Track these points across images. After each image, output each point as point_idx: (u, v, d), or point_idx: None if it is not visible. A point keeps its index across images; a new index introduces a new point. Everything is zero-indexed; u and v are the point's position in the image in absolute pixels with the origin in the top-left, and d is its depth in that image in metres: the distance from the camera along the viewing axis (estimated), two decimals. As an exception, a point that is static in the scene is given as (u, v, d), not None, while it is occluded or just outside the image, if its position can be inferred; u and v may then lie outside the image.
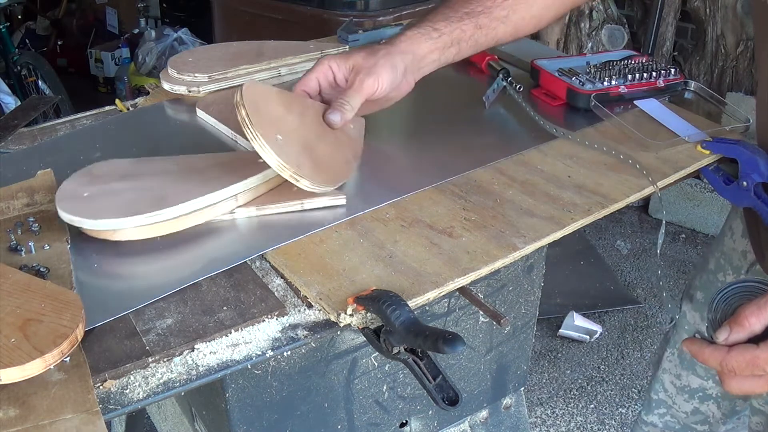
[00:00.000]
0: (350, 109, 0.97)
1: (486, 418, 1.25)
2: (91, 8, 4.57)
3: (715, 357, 0.74)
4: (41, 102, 1.32)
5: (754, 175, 1.00)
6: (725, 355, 0.73)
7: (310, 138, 0.95)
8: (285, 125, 0.93)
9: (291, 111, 0.96)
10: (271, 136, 0.88)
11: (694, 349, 0.76)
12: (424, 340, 0.70)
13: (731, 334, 0.74)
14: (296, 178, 0.89)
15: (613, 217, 3.02)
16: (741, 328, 0.74)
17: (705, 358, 0.75)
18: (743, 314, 0.74)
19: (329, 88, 1.02)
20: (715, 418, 1.28)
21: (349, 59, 1.00)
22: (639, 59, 1.27)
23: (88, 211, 0.85)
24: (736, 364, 0.72)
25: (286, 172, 0.89)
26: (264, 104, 0.92)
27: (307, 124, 0.96)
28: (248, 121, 0.88)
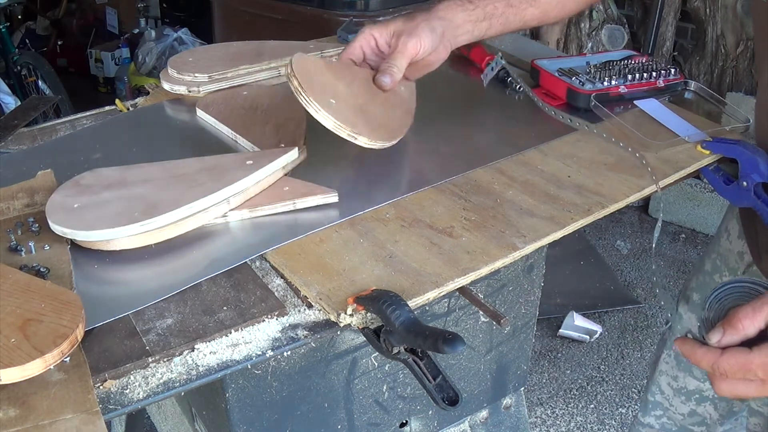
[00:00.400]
0: (398, 70, 1.02)
1: (486, 418, 1.25)
2: (91, 8, 4.57)
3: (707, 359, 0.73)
4: (41, 102, 1.32)
5: (754, 175, 1.00)
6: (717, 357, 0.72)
7: (363, 101, 0.99)
8: (336, 91, 0.96)
9: (341, 78, 1.00)
10: (325, 101, 0.92)
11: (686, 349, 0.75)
12: (424, 340, 0.70)
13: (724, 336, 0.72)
14: (354, 136, 0.93)
15: (613, 217, 3.02)
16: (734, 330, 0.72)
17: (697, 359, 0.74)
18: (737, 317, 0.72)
19: (373, 55, 1.08)
20: (713, 419, 1.28)
21: (390, 25, 1.05)
22: (639, 59, 1.27)
23: (80, 222, 0.85)
24: (728, 367, 0.71)
25: (344, 132, 0.92)
26: (314, 73, 0.96)
27: (358, 88, 1.01)
28: (301, 89, 0.92)
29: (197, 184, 0.92)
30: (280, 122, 1.11)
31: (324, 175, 1.01)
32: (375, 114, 0.99)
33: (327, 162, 1.05)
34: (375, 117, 0.99)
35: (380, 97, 1.03)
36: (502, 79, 1.29)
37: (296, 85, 0.94)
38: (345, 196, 0.96)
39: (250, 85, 1.25)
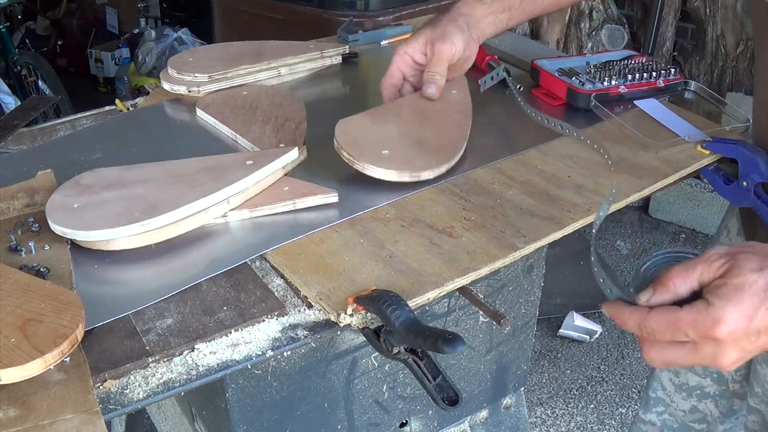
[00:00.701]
0: (440, 77, 1.09)
1: (486, 418, 1.25)
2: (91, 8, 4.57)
3: (634, 318, 0.68)
4: (41, 102, 1.32)
5: (754, 175, 1.00)
6: (645, 315, 0.68)
7: (416, 132, 1.04)
8: (387, 137, 1.02)
9: (388, 121, 1.05)
10: (377, 156, 0.97)
11: (614, 311, 0.71)
12: (424, 340, 0.70)
13: (654, 295, 0.69)
14: (416, 176, 0.97)
15: (613, 217, 3.02)
16: (665, 289, 0.69)
17: (624, 318, 0.70)
18: (668, 275, 0.69)
19: (412, 71, 1.13)
20: (713, 417, 1.28)
21: (419, 37, 1.10)
22: (639, 59, 1.27)
23: (80, 222, 0.85)
24: (656, 325, 0.67)
25: (406, 177, 0.97)
26: (360, 133, 1.02)
27: (408, 121, 1.05)
28: (352, 159, 0.97)
29: (197, 184, 0.92)
30: (280, 122, 1.11)
31: (324, 175, 1.01)
32: (431, 140, 1.03)
33: (327, 162, 1.05)
34: (432, 143, 1.03)
35: (432, 119, 1.07)
36: (502, 78, 1.29)
37: (346, 156, 0.98)
38: (345, 196, 0.96)
39: (250, 85, 1.25)
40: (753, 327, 0.64)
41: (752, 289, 0.64)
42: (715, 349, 0.65)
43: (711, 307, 0.65)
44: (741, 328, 0.64)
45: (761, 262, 0.66)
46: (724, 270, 0.67)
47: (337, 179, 1.00)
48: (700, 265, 0.68)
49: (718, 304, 0.64)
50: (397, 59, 1.11)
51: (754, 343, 0.66)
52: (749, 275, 0.65)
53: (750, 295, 0.64)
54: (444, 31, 1.09)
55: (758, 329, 0.65)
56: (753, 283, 0.65)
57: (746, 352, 0.66)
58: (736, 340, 0.65)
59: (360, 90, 1.34)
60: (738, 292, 0.65)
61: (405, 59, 1.11)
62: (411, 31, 1.51)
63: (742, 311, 0.64)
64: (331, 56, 1.36)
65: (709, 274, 0.67)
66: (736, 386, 1.22)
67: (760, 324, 0.65)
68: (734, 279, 0.65)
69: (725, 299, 0.64)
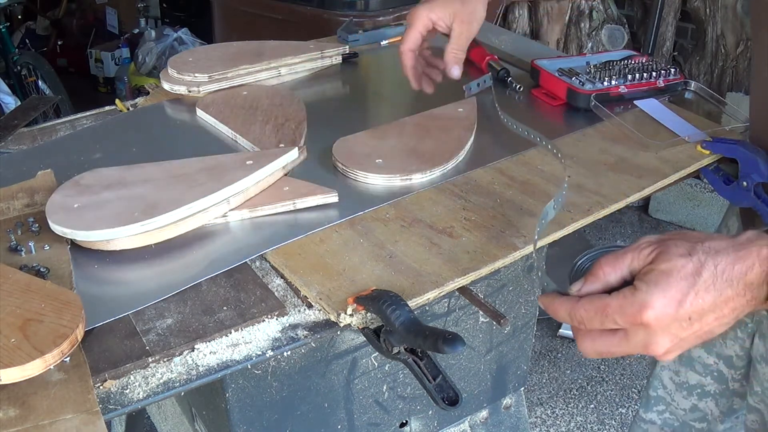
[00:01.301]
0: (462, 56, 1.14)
1: (486, 418, 1.25)
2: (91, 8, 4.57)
3: (564, 307, 0.67)
4: (41, 102, 1.32)
5: (754, 175, 1.00)
6: (574, 304, 0.67)
7: (414, 143, 1.07)
8: (384, 150, 1.05)
9: (388, 137, 1.09)
10: (370, 165, 1.01)
11: (546, 301, 0.70)
12: (424, 340, 0.70)
13: (585, 285, 0.68)
14: (408, 178, 1.00)
15: (613, 217, 3.02)
16: (595, 278, 0.67)
17: (555, 308, 0.69)
18: (598, 264, 0.68)
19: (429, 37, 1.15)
20: (714, 415, 1.28)
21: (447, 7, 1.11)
22: (639, 59, 1.27)
23: (80, 222, 0.85)
24: (584, 313, 0.66)
25: (397, 180, 1.00)
26: (355, 148, 1.05)
27: (407, 137, 1.09)
28: (345, 169, 1.01)
29: (197, 184, 0.92)
30: (280, 122, 1.11)
31: (324, 175, 1.01)
32: (427, 149, 1.06)
33: (327, 162, 1.05)
34: (428, 152, 1.05)
35: (433, 134, 1.09)
36: (502, 78, 1.29)
37: (340, 167, 1.02)
38: (345, 196, 0.96)
39: (250, 85, 1.25)
40: (682, 312, 0.63)
41: (680, 273, 0.63)
42: (646, 336, 0.64)
43: (637, 292, 0.63)
44: (669, 314, 0.63)
45: (690, 247, 0.65)
46: (653, 257, 0.66)
47: (337, 179, 1.00)
48: (630, 253, 0.67)
49: (645, 289, 0.63)
50: (418, 23, 1.11)
51: (687, 329, 0.64)
52: (677, 260, 0.64)
53: (678, 280, 0.63)
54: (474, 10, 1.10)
55: (688, 315, 0.63)
56: (681, 268, 0.64)
57: (680, 339, 0.65)
58: (665, 327, 0.64)
59: (360, 90, 1.34)
60: (665, 277, 0.63)
61: (427, 24, 1.11)
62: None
63: (669, 296, 0.63)
64: (331, 56, 1.36)
65: (639, 261, 0.66)
66: (737, 385, 1.22)
67: (690, 309, 0.63)
68: (662, 264, 0.64)
69: (652, 284, 0.63)
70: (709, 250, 0.64)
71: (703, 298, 0.63)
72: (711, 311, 0.64)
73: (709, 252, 0.64)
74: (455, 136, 1.09)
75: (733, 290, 0.64)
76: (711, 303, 0.64)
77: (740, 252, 0.64)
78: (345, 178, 1.01)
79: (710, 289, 0.63)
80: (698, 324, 0.64)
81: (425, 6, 1.11)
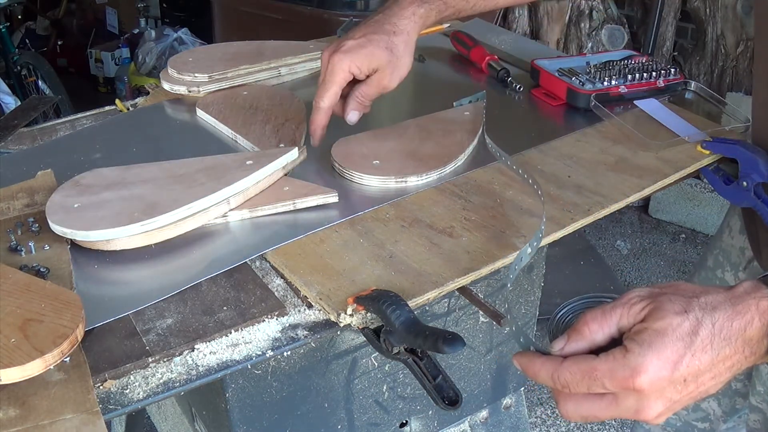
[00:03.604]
0: (369, 104, 1.03)
1: (486, 418, 1.25)
2: (91, 8, 4.57)
3: (546, 369, 0.61)
4: (41, 102, 1.32)
5: (754, 175, 1.00)
6: (558, 366, 0.61)
7: (413, 146, 1.06)
8: (383, 151, 1.05)
9: (388, 139, 1.08)
10: (367, 166, 1.01)
11: (524, 361, 0.63)
12: (424, 340, 0.70)
13: (568, 343, 0.62)
14: (403, 180, 1.00)
15: (613, 217, 3.02)
16: (579, 335, 0.62)
17: (535, 371, 0.62)
18: (583, 320, 0.62)
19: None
20: (716, 415, 1.28)
21: (373, 58, 0.98)
22: (639, 59, 1.27)
23: (80, 222, 0.85)
24: (570, 376, 0.60)
25: (392, 182, 0.99)
26: (354, 149, 1.05)
27: (408, 139, 1.08)
28: (342, 169, 1.01)
29: (197, 184, 0.92)
30: (280, 122, 1.11)
31: (324, 175, 1.01)
32: (426, 152, 1.05)
33: (327, 162, 1.05)
34: (426, 154, 1.04)
35: (434, 137, 1.08)
36: (502, 78, 1.29)
37: (337, 167, 1.02)
38: (345, 196, 0.96)
39: (250, 85, 1.25)
40: (678, 375, 0.59)
41: (675, 333, 0.59)
42: (638, 401, 0.59)
43: (630, 354, 0.58)
44: (664, 377, 0.58)
45: (686, 303, 0.60)
46: (645, 314, 0.61)
47: (337, 179, 1.00)
48: (618, 308, 0.62)
49: (638, 351, 0.58)
50: (339, 77, 0.98)
51: (681, 392, 0.60)
52: (672, 318, 0.59)
53: (673, 341, 0.58)
54: (400, 63, 0.99)
55: (684, 377, 0.59)
56: (677, 327, 0.59)
57: (673, 402, 0.60)
58: (660, 391, 0.59)
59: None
60: (660, 337, 0.58)
61: (347, 77, 0.99)
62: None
63: (664, 358, 0.58)
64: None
65: (629, 318, 0.61)
66: (739, 385, 1.22)
67: (686, 371, 0.59)
68: (656, 323, 0.59)
69: (645, 345, 0.58)
70: (706, 306, 0.60)
71: (700, 359, 0.59)
72: (708, 371, 0.60)
73: (706, 308, 0.60)
74: (457, 140, 1.08)
75: (732, 348, 0.60)
76: (708, 363, 0.59)
77: (738, 306, 0.61)
78: (341, 178, 1.01)
79: (707, 349, 0.59)
80: (693, 385, 0.60)
81: (346, 55, 0.97)
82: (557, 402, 0.63)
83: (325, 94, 0.99)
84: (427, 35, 1.52)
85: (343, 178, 1.01)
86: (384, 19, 1.01)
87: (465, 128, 1.11)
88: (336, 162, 1.02)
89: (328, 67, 0.99)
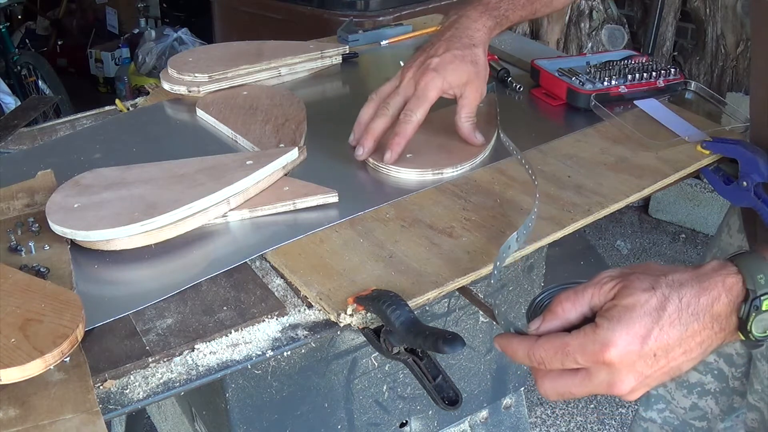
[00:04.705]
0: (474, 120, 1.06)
1: (486, 418, 1.25)
2: (91, 8, 4.57)
3: (522, 347, 0.65)
4: (41, 102, 1.32)
5: (754, 175, 1.00)
6: (533, 344, 0.64)
7: (441, 140, 1.07)
8: (412, 145, 1.04)
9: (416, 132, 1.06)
10: (401, 159, 1.02)
11: (503, 342, 0.67)
12: (424, 340, 0.70)
13: (543, 323, 0.65)
14: (440, 172, 1.01)
15: (613, 217, 3.02)
16: (553, 315, 0.65)
17: (513, 349, 0.66)
18: (557, 300, 0.65)
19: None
20: (714, 414, 1.28)
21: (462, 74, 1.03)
22: (639, 59, 1.27)
23: (79, 222, 0.85)
24: (544, 353, 0.63)
25: (428, 175, 1.01)
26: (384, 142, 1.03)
27: (434, 132, 1.09)
28: (377, 164, 1.03)
29: (197, 184, 0.92)
30: (280, 122, 1.11)
31: (324, 175, 1.01)
32: (455, 144, 1.06)
33: (327, 162, 1.05)
34: (455, 146, 1.06)
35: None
36: (502, 78, 1.29)
37: (371, 163, 1.03)
38: (345, 196, 0.96)
39: (250, 85, 1.25)
40: (647, 349, 0.61)
41: (643, 308, 0.61)
42: (609, 375, 0.62)
43: (599, 330, 0.61)
44: (634, 351, 0.61)
45: (653, 281, 0.63)
46: (615, 292, 0.64)
47: (337, 179, 1.00)
48: (590, 288, 0.65)
49: (607, 326, 0.61)
50: (433, 94, 1.01)
51: (652, 366, 0.62)
52: (640, 295, 0.62)
53: (641, 315, 0.61)
54: (485, 73, 1.05)
55: (653, 351, 0.61)
56: (644, 302, 0.62)
57: (646, 377, 0.62)
58: (630, 365, 0.61)
59: (360, 90, 1.34)
60: (628, 312, 0.61)
61: (439, 95, 1.03)
62: (411, 30, 1.51)
63: (633, 333, 0.61)
64: (331, 56, 1.36)
65: (600, 297, 0.64)
66: (737, 383, 1.22)
67: (655, 345, 0.61)
68: (624, 300, 0.62)
69: (615, 321, 0.61)
70: (673, 283, 0.63)
71: (669, 334, 0.62)
72: (677, 346, 0.62)
73: (673, 285, 0.63)
74: (481, 131, 1.09)
75: (700, 323, 0.62)
76: (677, 338, 0.62)
77: (704, 283, 0.63)
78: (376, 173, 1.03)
79: (675, 324, 0.62)
80: (664, 360, 0.62)
81: (438, 73, 1.01)
82: (536, 380, 0.66)
83: (419, 108, 1.02)
84: (427, 35, 1.52)
85: (378, 172, 1.02)
86: (460, 33, 1.05)
87: (484, 119, 1.12)
88: (370, 157, 1.03)
89: (419, 84, 1.02)
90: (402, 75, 1.04)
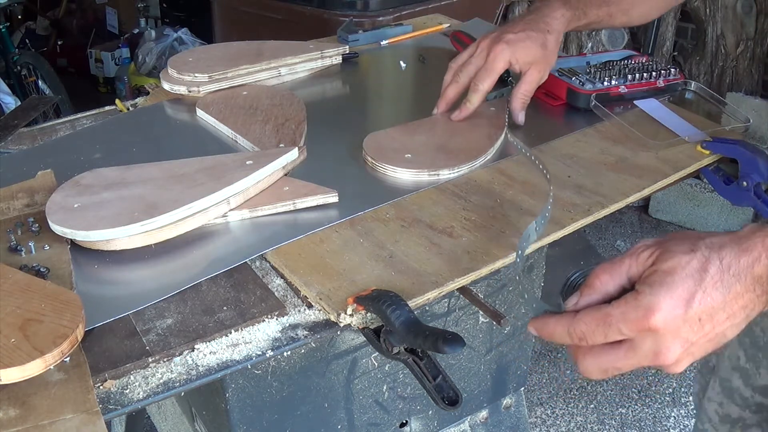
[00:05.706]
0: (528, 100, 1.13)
1: (486, 418, 1.25)
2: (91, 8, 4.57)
3: (561, 324, 0.62)
4: (41, 102, 1.32)
5: (754, 175, 1.00)
6: (572, 319, 0.61)
7: (443, 141, 1.08)
8: (413, 145, 1.06)
9: (418, 133, 1.10)
10: (399, 159, 1.03)
11: (538, 324, 0.65)
12: (424, 340, 0.70)
13: (581, 298, 0.63)
14: (435, 174, 1.01)
15: (613, 217, 3.02)
16: (591, 289, 0.63)
17: (550, 330, 0.63)
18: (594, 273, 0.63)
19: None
20: None
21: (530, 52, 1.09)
22: (639, 59, 1.27)
23: (80, 222, 0.85)
24: (585, 326, 0.60)
25: (425, 175, 1.01)
26: (385, 143, 1.07)
27: (438, 134, 1.10)
28: (374, 163, 1.03)
29: (197, 184, 0.92)
30: (280, 122, 1.11)
31: (324, 175, 1.01)
32: (456, 146, 1.07)
33: (327, 162, 1.05)
34: (456, 148, 1.06)
35: (464, 132, 1.10)
36: (502, 78, 1.28)
37: (369, 161, 1.03)
38: (345, 196, 0.96)
39: (250, 85, 1.25)
40: (692, 313, 0.58)
41: (685, 271, 0.59)
42: (655, 343, 0.59)
43: (641, 296, 0.59)
44: (678, 316, 0.58)
45: (692, 244, 0.61)
46: (653, 259, 0.61)
47: (337, 179, 1.00)
48: (627, 258, 0.63)
49: (649, 292, 0.59)
50: (500, 65, 1.08)
51: (697, 332, 0.59)
52: (681, 257, 0.60)
53: (684, 278, 0.59)
54: (552, 57, 1.11)
55: (698, 316, 0.59)
56: (686, 264, 0.59)
57: (691, 344, 0.60)
58: (675, 330, 0.59)
59: (360, 90, 1.34)
60: (670, 276, 0.59)
61: (506, 67, 1.10)
62: (411, 30, 1.51)
63: (676, 296, 0.58)
64: (331, 56, 1.36)
65: (638, 266, 0.62)
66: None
67: (700, 309, 0.59)
68: (664, 264, 0.60)
69: (656, 286, 0.59)
70: (713, 245, 0.61)
71: (712, 296, 0.59)
72: (721, 309, 0.59)
73: (713, 247, 0.60)
74: (485, 134, 1.09)
75: (742, 285, 0.59)
76: (720, 300, 0.59)
77: (744, 244, 0.61)
78: (374, 171, 1.03)
79: (718, 286, 0.59)
80: (709, 325, 0.59)
81: (509, 46, 1.08)
82: (576, 361, 0.63)
83: (487, 79, 1.09)
84: (427, 35, 1.52)
85: (376, 171, 1.02)
86: (538, 18, 1.11)
87: (492, 123, 1.13)
88: (369, 156, 1.03)
89: (489, 55, 1.09)
90: (477, 44, 1.12)
